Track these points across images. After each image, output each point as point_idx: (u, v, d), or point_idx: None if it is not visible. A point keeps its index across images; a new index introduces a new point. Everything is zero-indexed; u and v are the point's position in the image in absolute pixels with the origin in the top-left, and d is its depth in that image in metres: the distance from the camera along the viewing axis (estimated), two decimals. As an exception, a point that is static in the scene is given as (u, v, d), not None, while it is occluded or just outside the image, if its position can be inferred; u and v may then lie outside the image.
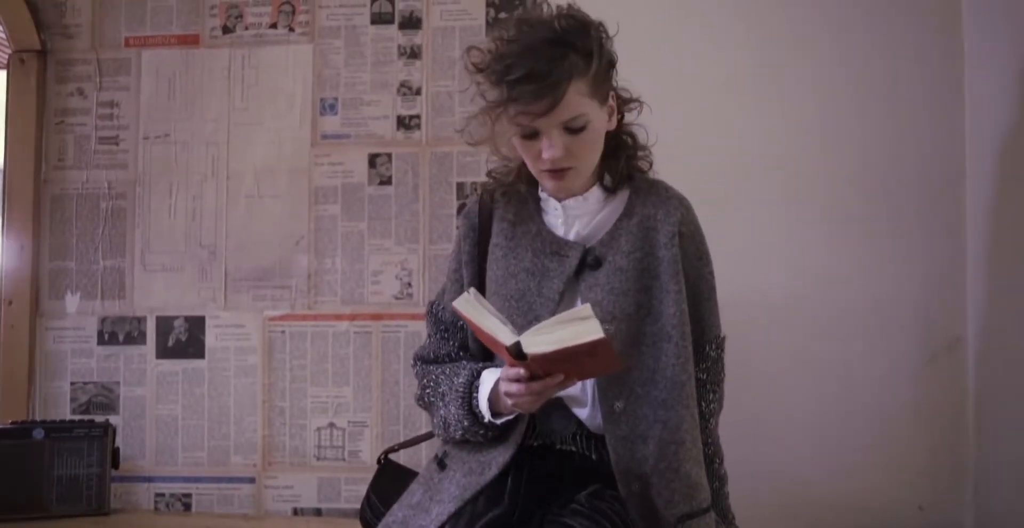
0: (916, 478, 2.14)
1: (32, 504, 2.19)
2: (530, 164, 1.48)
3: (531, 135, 1.43)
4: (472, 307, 1.29)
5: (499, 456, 1.44)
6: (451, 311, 1.51)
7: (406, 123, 2.37)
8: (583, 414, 1.47)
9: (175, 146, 2.42)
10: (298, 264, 2.37)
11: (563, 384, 1.31)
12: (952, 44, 2.18)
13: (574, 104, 1.39)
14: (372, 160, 2.37)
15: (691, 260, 1.51)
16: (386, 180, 2.36)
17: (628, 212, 1.51)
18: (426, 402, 1.58)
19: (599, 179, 1.53)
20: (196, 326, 2.38)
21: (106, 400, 2.39)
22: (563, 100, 1.37)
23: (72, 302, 2.42)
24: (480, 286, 1.56)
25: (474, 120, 1.47)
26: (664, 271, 1.46)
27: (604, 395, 1.43)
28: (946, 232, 2.17)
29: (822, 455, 2.15)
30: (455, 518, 1.40)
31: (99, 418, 2.32)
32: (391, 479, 1.71)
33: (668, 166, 1.61)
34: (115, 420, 2.34)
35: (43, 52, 2.45)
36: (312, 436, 2.33)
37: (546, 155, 1.42)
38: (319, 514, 2.31)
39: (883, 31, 2.20)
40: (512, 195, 1.56)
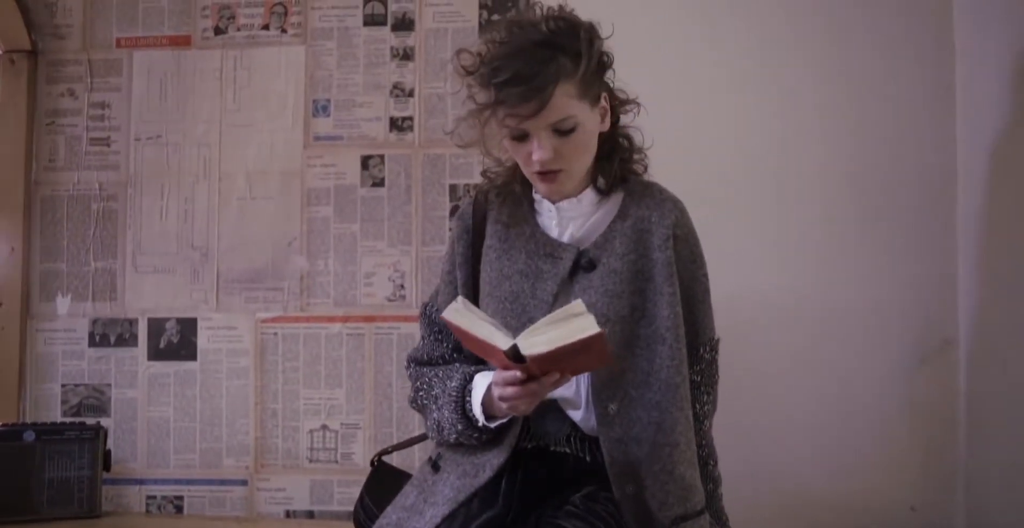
0: (908, 479, 2.15)
1: (23, 507, 2.17)
2: (522, 166, 1.49)
3: (521, 137, 1.43)
4: (463, 316, 1.29)
5: (493, 458, 1.44)
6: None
7: (399, 125, 2.37)
8: (577, 416, 1.47)
9: (167, 147, 2.42)
10: (291, 266, 2.36)
11: (558, 382, 1.31)
12: (944, 44, 2.19)
13: (562, 106, 1.39)
14: (365, 162, 2.37)
15: (685, 262, 1.51)
16: (379, 182, 2.36)
17: (622, 214, 1.51)
18: (419, 405, 1.58)
19: (593, 181, 1.53)
20: (188, 328, 2.37)
21: (97, 402, 2.38)
22: (550, 102, 1.37)
23: (63, 304, 2.41)
24: (474, 288, 1.56)
25: (464, 122, 1.47)
26: (658, 273, 1.47)
27: (598, 397, 1.43)
28: (938, 234, 2.17)
29: (815, 456, 2.15)
30: (449, 520, 1.39)
31: (90, 420, 2.31)
32: (385, 481, 1.71)
33: (663, 167, 1.62)
34: (106, 422, 2.33)
35: (34, 52, 2.44)
36: (305, 438, 2.33)
37: (535, 157, 1.42)
38: (312, 516, 2.31)
39: (876, 32, 2.20)
40: (506, 196, 1.56)
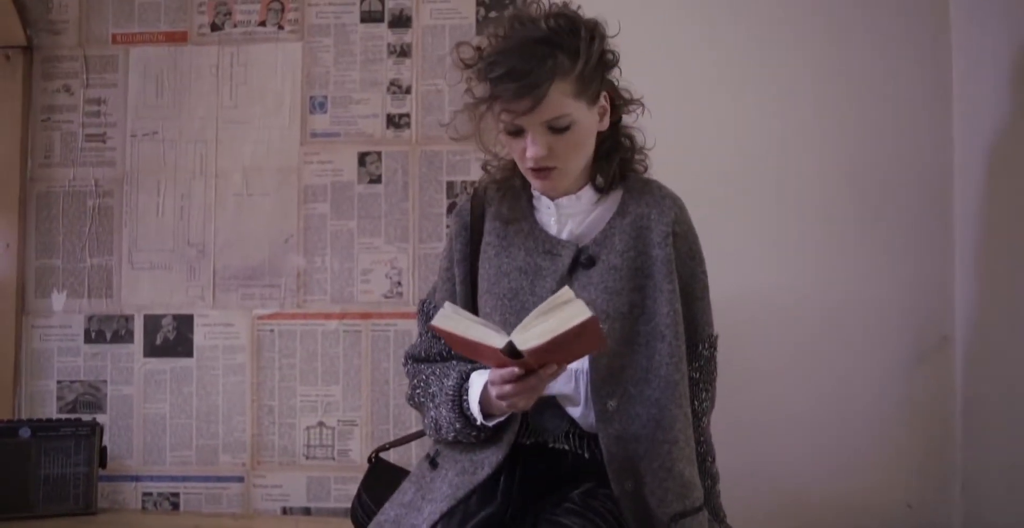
0: (905, 477, 2.15)
1: (18, 504, 2.17)
2: (517, 161, 1.49)
3: (516, 132, 1.43)
4: (454, 320, 1.27)
5: (492, 455, 1.44)
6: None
7: (396, 122, 2.36)
8: (576, 413, 1.46)
9: (163, 144, 2.41)
10: (287, 263, 2.36)
11: (556, 373, 1.31)
12: (941, 43, 2.19)
13: (557, 104, 1.38)
14: (362, 158, 2.36)
15: (684, 259, 1.50)
16: (376, 179, 2.36)
17: (622, 211, 1.51)
18: (417, 402, 1.58)
19: (591, 179, 1.53)
20: (184, 325, 2.37)
21: (93, 399, 2.37)
22: (545, 99, 1.37)
23: (59, 300, 2.40)
24: (472, 284, 1.56)
25: (460, 115, 1.47)
26: (658, 270, 1.46)
27: (597, 394, 1.43)
28: (935, 232, 2.18)
29: (812, 453, 2.16)
30: (448, 517, 1.39)
31: (86, 417, 2.31)
32: (382, 478, 1.71)
33: (661, 166, 1.62)
34: (102, 419, 2.33)
35: (29, 48, 2.43)
36: (301, 435, 2.32)
37: (529, 154, 1.42)
38: (308, 513, 2.30)
39: (873, 31, 2.21)
40: (506, 191, 1.56)
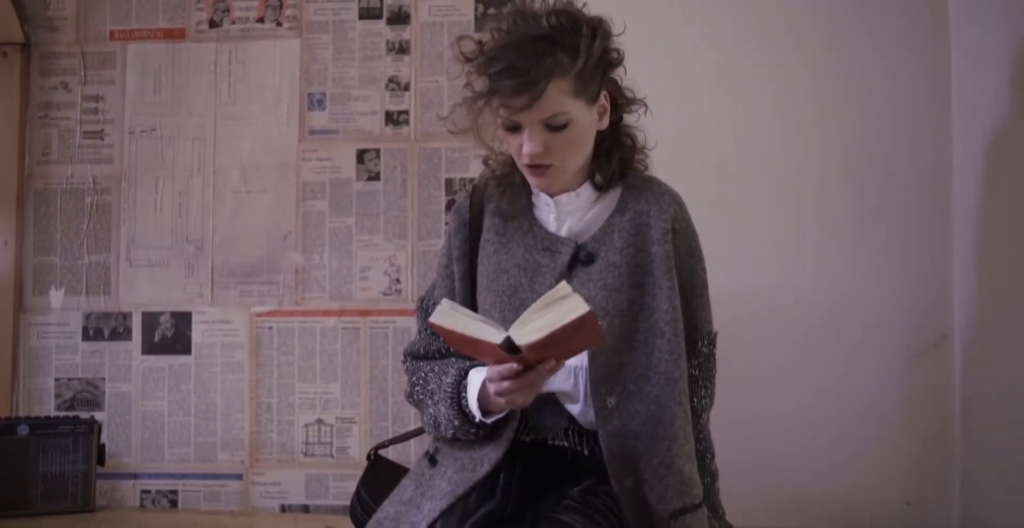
0: (903, 473, 2.16)
1: (16, 501, 2.17)
2: (514, 156, 1.49)
3: (513, 128, 1.43)
4: (452, 317, 1.27)
5: (491, 453, 1.43)
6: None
7: (394, 119, 2.36)
8: (575, 410, 1.46)
9: (161, 141, 2.41)
10: (286, 260, 2.36)
11: (554, 369, 1.30)
12: (940, 42, 2.20)
13: (554, 102, 1.38)
14: (360, 156, 2.36)
15: (683, 256, 1.50)
16: (374, 176, 2.36)
17: (621, 208, 1.51)
18: (416, 399, 1.57)
19: (590, 177, 1.53)
20: (182, 322, 2.37)
21: (91, 396, 2.37)
22: (543, 97, 1.36)
23: (56, 297, 2.40)
24: (471, 282, 1.55)
25: (459, 108, 1.46)
26: (657, 267, 1.46)
27: (596, 391, 1.42)
28: (933, 230, 2.18)
29: (811, 451, 2.16)
30: (447, 514, 1.39)
31: (84, 414, 2.30)
32: (381, 475, 1.70)
33: (661, 165, 1.61)
34: (100, 416, 2.33)
35: (27, 45, 2.43)
36: (300, 432, 2.32)
37: (525, 150, 1.42)
38: (307, 511, 2.30)
39: (872, 30, 2.21)
40: (506, 186, 1.55)
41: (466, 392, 1.44)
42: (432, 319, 1.28)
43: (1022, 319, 1.87)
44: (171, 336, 2.37)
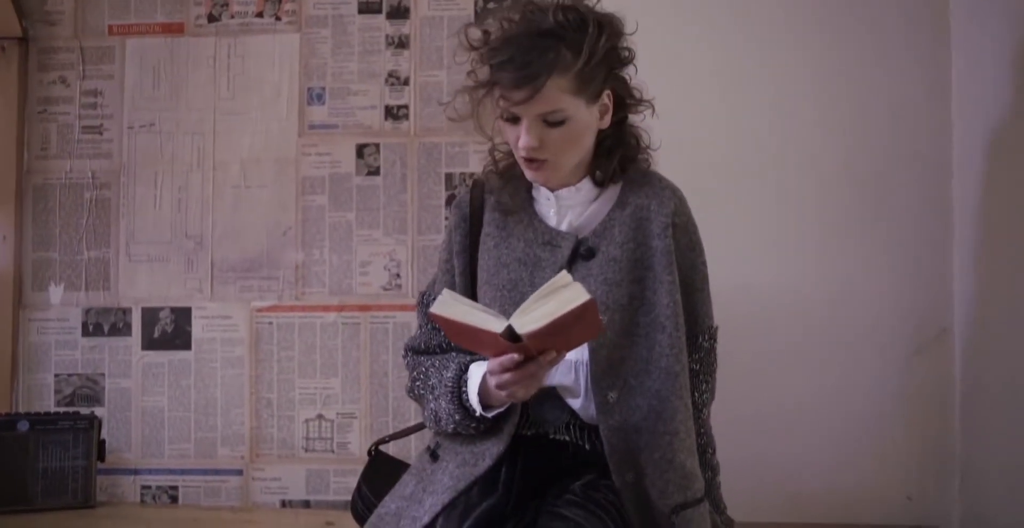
0: (904, 468, 2.16)
1: (16, 497, 2.17)
2: (511, 147, 1.48)
3: (513, 119, 1.43)
4: (453, 307, 1.26)
5: (493, 447, 1.43)
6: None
7: (394, 113, 2.35)
8: (576, 404, 1.46)
9: (160, 136, 2.40)
10: (285, 255, 2.35)
11: (555, 360, 1.30)
12: (940, 39, 2.19)
13: (553, 98, 1.38)
14: (360, 150, 2.35)
15: (684, 251, 1.50)
16: (374, 170, 2.35)
17: (621, 202, 1.51)
18: (417, 394, 1.57)
19: (590, 173, 1.52)
20: (182, 317, 2.36)
21: (91, 392, 2.37)
22: (542, 92, 1.36)
23: (56, 293, 2.39)
24: (471, 276, 1.55)
25: (461, 96, 1.46)
26: (657, 262, 1.46)
27: (598, 386, 1.42)
28: (933, 224, 2.18)
29: (811, 445, 2.16)
30: (449, 509, 1.39)
31: (84, 410, 2.30)
32: (382, 471, 1.70)
33: (662, 162, 1.61)
34: (100, 412, 2.32)
35: (25, 40, 2.42)
36: (300, 428, 2.32)
37: (521, 143, 1.42)
38: (307, 506, 2.30)
39: (872, 27, 2.21)
40: (509, 179, 1.55)
41: (467, 386, 1.43)
42: (433, 309, 1.27)
43: (1022, 314, 1.86)
44: (171, 331, 2.36)
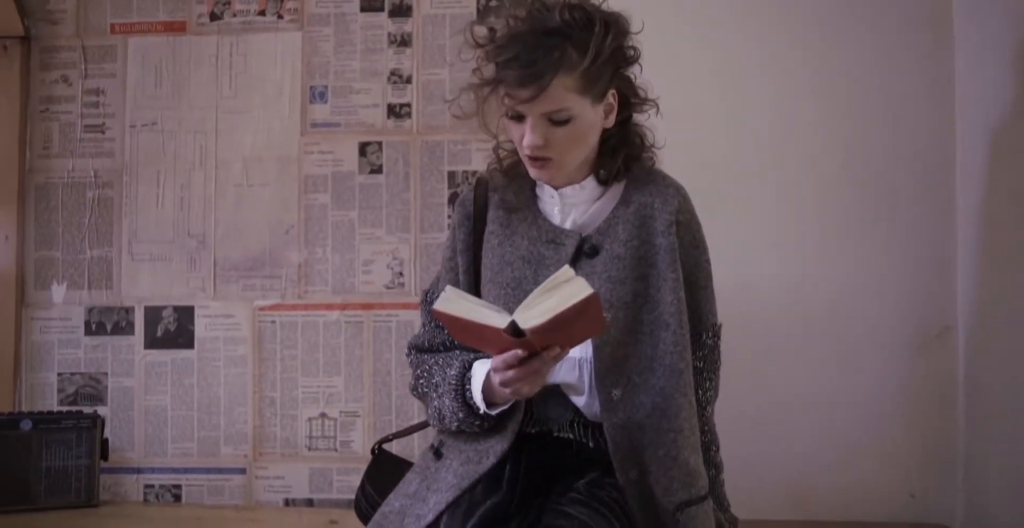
0: (907, 465, 2.16)
1: (20, 496, 2.17)
2: (516, 145, 1.48)
3: (517, 117, 1.42)
4: (456, 303, 1.26)
5: (497, 445, 1.43)
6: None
7: (397, 111, 2.35)
8: (580, 402, 1.46)
9: (162, 134, 2.40)
10: (288, 253, 2.35)
11: (558, 356, 1.29)
12: (942, 33, 2.19)
13: (558, 97, 1.38)
14: (362, 149, 2.35)
15: (688, 248, 1.50)
16: (377, 169, 2.35)
17: (625, 200, 1.50)
18: (420, 392, 1.57)
19: (595, 171, 1.52)
20: (185, 316, 2.36)
21: (94, 391, 2.37)
22: (547, 91, 1.36)
23: (58, 292, 2.39)
24: (475, 274, 1.55)
25: (465, 93, 1.46)
26: (661, 259, 1.46)
27: (602, 383, 1.42)
28: (936, 221, 2.18)
29: (814, 443, 2.16)
30: (453, 507, 1.39)
31: (87, 409, 2.30)
32: (386, 469, 1.70)
33: (666, 159, 1.61)
34: (103, 411, 2.32)
35: (27, 39, 2.42)
36: (303, 426, 2.32)
37: (526, 141, 1.41)
38: (311, 505, 2.30)
39: (875, 24, 2.21)
40: (513, 177, 1.55)
41: (470, 384, 1.43)
42: (436, 306, 1.26)
43: (1026, 311, 1.87)
44: (174, 330, 2.36)
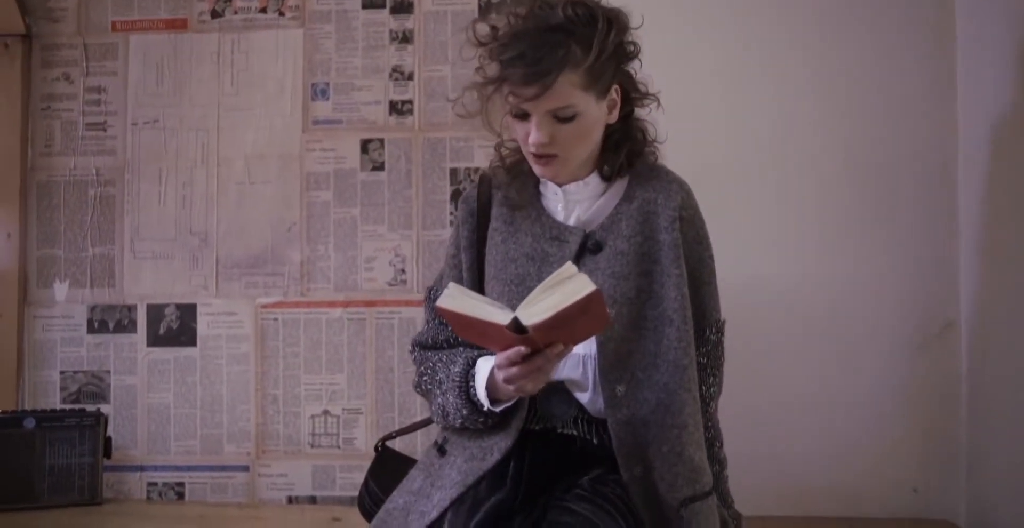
0: (910, 461, 2.16)
1: (23, 494, 2.17)
2: (520, 144, 1.48)
3: (522, 115, 1.42)
4: (459, 300, 1.26)
5: (501, 441, 1.43)
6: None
7: (398, 108, 2.35)
8: (584, 398, 1.46)
9: (164, 132, 2.40)
10: (290, 251, 2.35)
11: (562, 354, 1.29)
12: (944, 32, 2.19)
13: (563, 94, 1.38)
14: (364, 146, 2.35)
15: (691, 244, 1.50)
16: (379, 166, 2.35)
17: (628, 196, 1.50)
18: (424, 389, 1.57)
19: (598, 168, 1.52)
20: (187, 314, 2.36)
21: (97, 389, 2.37)
22: (552, 88, 1.36)
23: (61, 290, 2.39)
24: (479, 271, 1.55)
25: (469, 92, 1.46)
26: (665, 255, 1.46)
27: (605, 379, 1.42)
28: (939, 217, 2.18)
29: (817, 439, 2.16)
30: (457, 504, 1.39)
31: (90, 407, 2.30)
32: (389, 466, 1.70)
33: (669, 156, 1.61)
34: (106, 409, 2.32)
35: (28, 36, 2.42)
36: (306, 424, 2.32)
37: (531, 139, 1.41)
38: (314, 502, 2.30)
39: (877, 22, 2.21)
40: (516, 174, 1.55)
41: (474, 381, 1.43)
42: (439, 303, 1.26)
43: (1029, 307, 1.87)
44: (176, 328, 2.36)
